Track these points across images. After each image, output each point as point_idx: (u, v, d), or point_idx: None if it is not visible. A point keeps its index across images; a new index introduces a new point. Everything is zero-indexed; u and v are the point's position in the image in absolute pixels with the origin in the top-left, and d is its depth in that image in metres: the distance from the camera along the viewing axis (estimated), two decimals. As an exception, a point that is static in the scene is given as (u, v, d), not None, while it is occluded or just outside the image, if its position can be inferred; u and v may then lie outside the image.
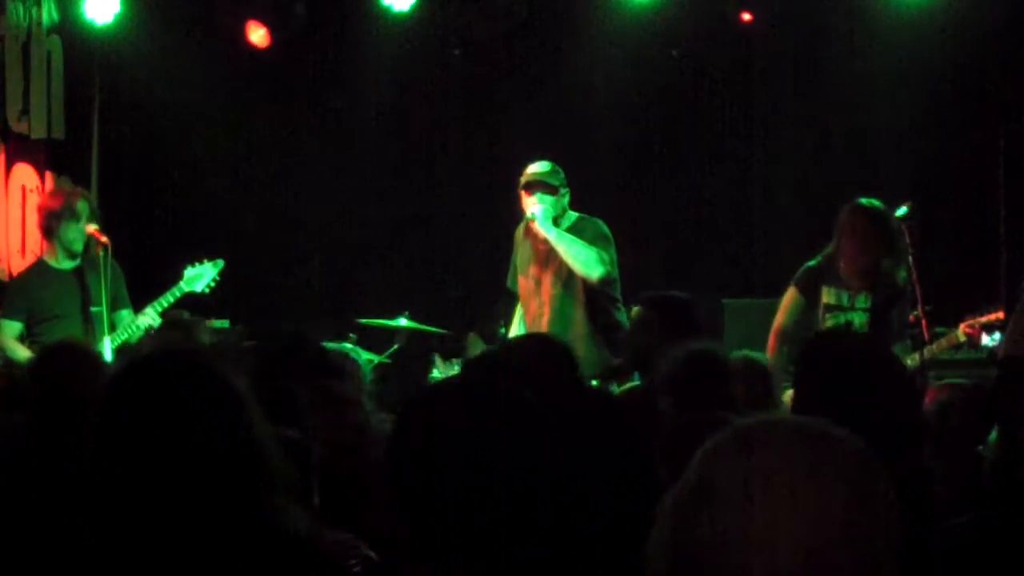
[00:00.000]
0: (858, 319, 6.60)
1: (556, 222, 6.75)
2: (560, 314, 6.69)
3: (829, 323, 6.57)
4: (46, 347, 4.39)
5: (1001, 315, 6.55)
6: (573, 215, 6.86)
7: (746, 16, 9.29)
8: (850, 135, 9.31)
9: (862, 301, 6.59)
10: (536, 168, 6.88)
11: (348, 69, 9.77)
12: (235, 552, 2.29)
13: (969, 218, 9.21)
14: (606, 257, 6.64)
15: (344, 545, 2.92)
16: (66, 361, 3.45)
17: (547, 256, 6.78)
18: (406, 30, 9.57)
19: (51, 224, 6.94)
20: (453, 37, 9.80)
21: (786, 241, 8.48)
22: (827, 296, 6.62)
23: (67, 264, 6.94)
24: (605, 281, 6.65)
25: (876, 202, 6.53)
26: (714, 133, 9.70)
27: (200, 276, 7.04)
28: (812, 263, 6.68)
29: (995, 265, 8.95)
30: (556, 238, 6.66)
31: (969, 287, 8.70)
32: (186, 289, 6.95)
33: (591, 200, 9.66)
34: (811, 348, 3.47)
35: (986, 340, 7.32)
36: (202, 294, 7.07)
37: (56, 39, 8.87)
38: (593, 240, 6.69)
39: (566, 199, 6.85)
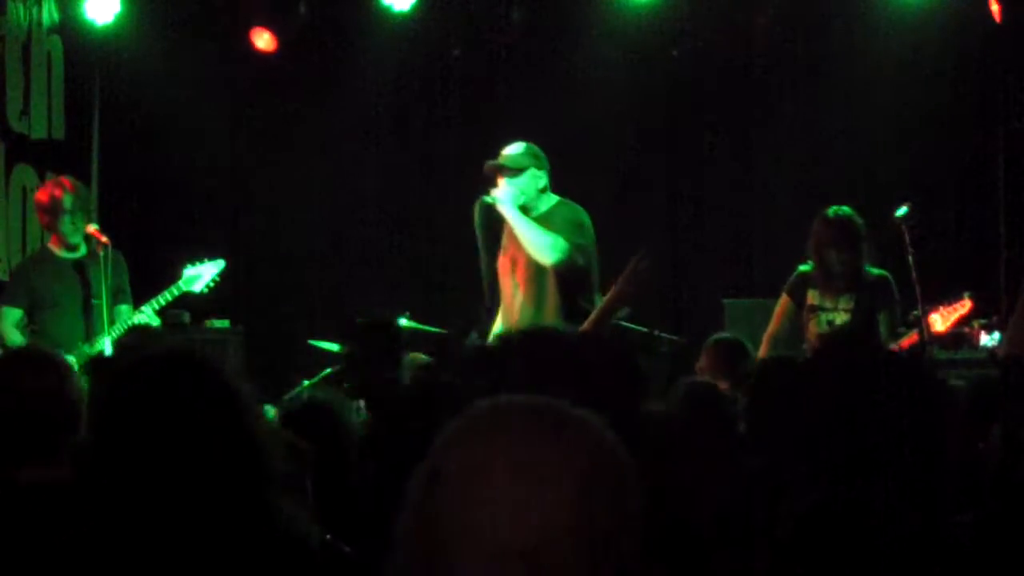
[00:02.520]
0: (840, 319, 6.68)
1: (528, 206, 6.67)
2: (533, 296, 6.69)
3: (813, 324, 6.72)
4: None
5: (968, 304, 6.58)
6: (554, 199, 6.80)
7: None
8: (850, 135, 9.31)
9: (845, 302, 6.69)
10: (506, 151, 6.84)
11: (348, 69, 9.77)
12: (236, 552, 2.29)
13: (969, 218, 9.21)
14: (564, 244, 6.57)
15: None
16: (20, 371, 3.39)
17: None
18: (406, 30, 9.57)
19: (47, 219, 6.97)
20: (453, 37, 9.80)
21: (786, 241, 8.47)
22: (812, 298, 6.76)
23: (71, 254, 6.94)
24: (562, 267, 6.58)
25: (844, 209, 6.69)
26: (714, 133, 9.69)
27: (199, 276, 7.03)
28: (802, 268, 6.83)
29: (995, 265, 8.96)
30: (514, 220, 6.62)
31: (969, 287, 8.70)
32: (184, 288, 6.94)
33: (591, 199, 9.68)
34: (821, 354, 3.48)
35: (985, 340, 7.34)
36: (201, 294, 7.06)
37: (56, 39, 8.88)
38: (561, 226, 6.65)
39: (542, 180, 6.76)
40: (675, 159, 9.80)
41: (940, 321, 6.65)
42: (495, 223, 6.82)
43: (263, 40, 9.43)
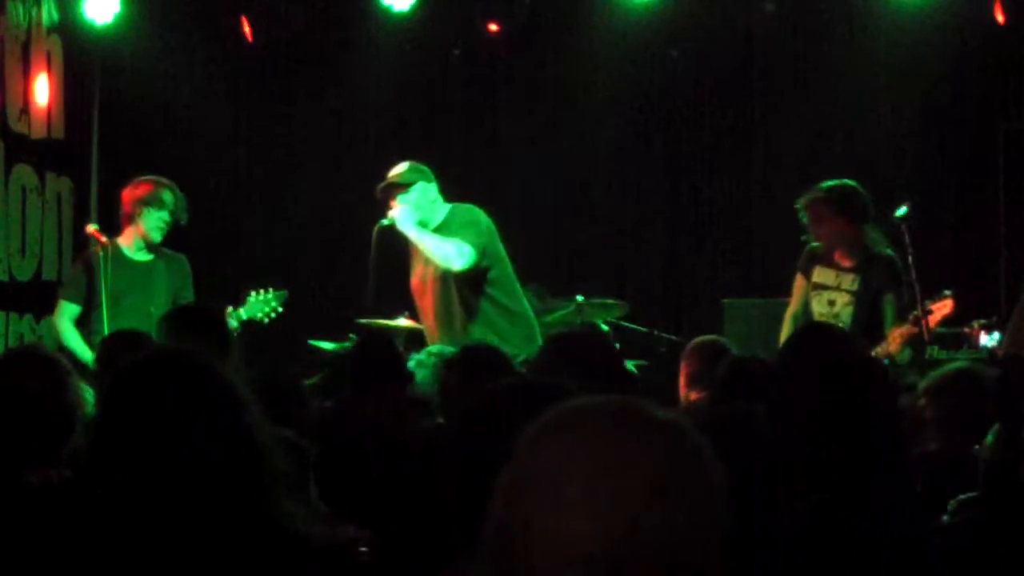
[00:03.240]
0: (841, 299, 6.67)
1: (425, 219, 6.82)
2: (443, 308, 6.88)
3: (815, 302, 6.70)
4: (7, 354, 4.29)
5: (949, 304, 6.56)
6: (447, 206, 6.96)
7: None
8: (850, 135, 9.31)
9: (849, 283, 6.67)
10: (392, 171, 6.98)
11: (348, 69, 9.77)
12: (236, 551, 2.29)
13: (969, 218, 9.21)
14: (468, 249, 6.70)
15: (349, 539, 2.95)
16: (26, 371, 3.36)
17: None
18: (406, 30, 9.57)
19: (134, 210, 6.94)
20: (453, 37, 9.80)
21: (786, 241, 8.47)
22: (817, 275, 6.75)
23: (140, 256, 6.92)
24: (471, 271, 6.71)
25: (835, 183, 6.69)
26: (714, 133, 9.69)
27: (263, 304, 6.93)
28: (810, 246, 6.83)
29: (995, 265, 8.96)
30: (416, 237, 6.79)
31: (969, 287, 8.70)
32: (245, 317, 6.87)
33: (590, 199, 9.70)
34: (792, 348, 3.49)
35: (985, 340, 7.33)
36: (262, 323, 6.98)
37: (56, 39, 8.87)
38: (460, 230, 6.78)
39: (432, 191, 6.93)
40: (675, 159, 9.79)
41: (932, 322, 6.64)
42: (399, 245, 6.94)
43: (246, 29, 9.44)
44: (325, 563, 2.47)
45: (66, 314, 6.88)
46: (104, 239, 6.79)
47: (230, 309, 6.81)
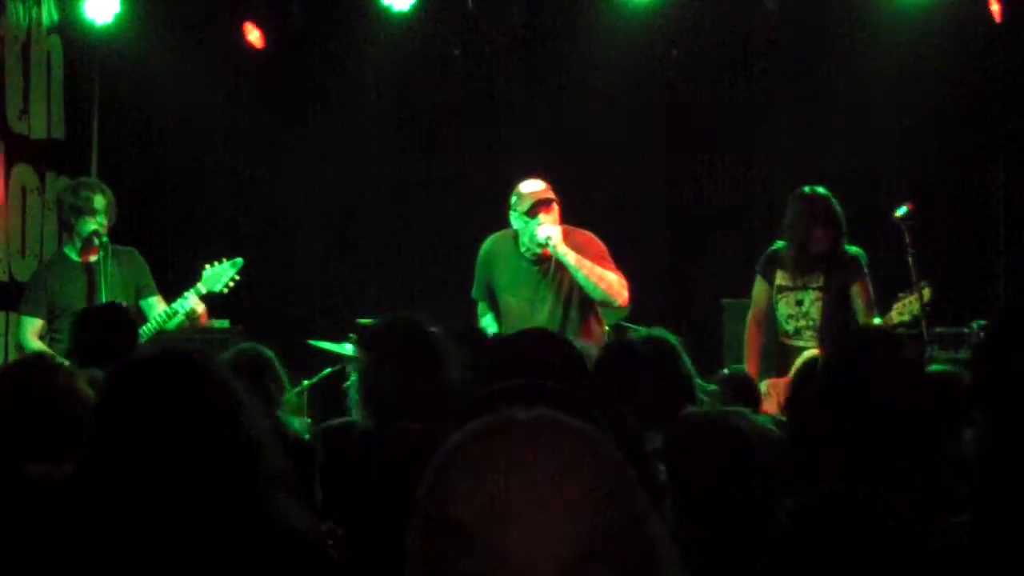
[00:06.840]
0: (809, 298, 6.69)
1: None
2: (561, 329, 6.69)
3: (781, 304, 6.74)
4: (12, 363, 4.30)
5: (927, 294, 6.58)
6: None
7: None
8: (850, 135, 9.31)
9: (814, 280, 6.70)
10: (539, 186, 6.84)
11: (348, 69, 9.77)
12: (234, 551, 2.29)
13: (969, 218, 9.21)
14: (622, 279, 6.65)
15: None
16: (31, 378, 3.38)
17: (549, 277, 6.76)
18: (406, 30, 9.57)
19: (68, 219, 6.95)
20: (453, 37, 9.80)
21: (786, 241, 8.47)
22: (780, 278, 6.79)
23: (86, 258, 6.93)
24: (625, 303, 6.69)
25: (820, 188, 6.79)
26: (714, 133, 9.69)
27: (219, 276, 6.91)
28: (771, 249, 6.89)
29: (995, 265, 8.96)
30: (576, 263, 6.63)
31: (969, 287, 8.70)
32: (204, 290, 6.85)
33: (590, 200, 9.68)
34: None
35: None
36: (220, 293, 6.97)
37: (56, 39, 8.87)
38: (599, 258, 6.70)
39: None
40: (675, 159, 9.79)
41: (896, 314, 6.64)
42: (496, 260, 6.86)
43: (254, 36, 9.44)
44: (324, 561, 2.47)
45: (29, 329, 6.84)
46: (104, 239, 6.80)
47: (190, 290, 6.81)
